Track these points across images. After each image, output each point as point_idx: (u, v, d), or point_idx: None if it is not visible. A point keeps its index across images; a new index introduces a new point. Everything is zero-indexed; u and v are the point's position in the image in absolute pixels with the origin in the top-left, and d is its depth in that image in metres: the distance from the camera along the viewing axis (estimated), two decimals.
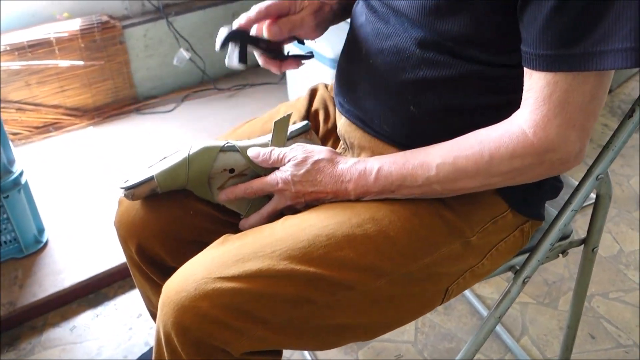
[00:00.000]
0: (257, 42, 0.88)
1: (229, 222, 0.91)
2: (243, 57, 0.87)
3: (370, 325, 0.79)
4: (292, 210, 0.83)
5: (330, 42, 1.12)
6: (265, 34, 0.86)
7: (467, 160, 0.71)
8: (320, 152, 0.80)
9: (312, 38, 0.94)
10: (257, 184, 0.82)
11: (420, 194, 0.76)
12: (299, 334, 0.73)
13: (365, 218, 0.75)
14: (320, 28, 0.93)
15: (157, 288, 0.98)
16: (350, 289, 0.72)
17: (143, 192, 0.84)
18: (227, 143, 0.86)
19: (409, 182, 0.75)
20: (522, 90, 0.71)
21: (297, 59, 0.92)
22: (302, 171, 0.79)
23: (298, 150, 0.81)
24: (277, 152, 0.82)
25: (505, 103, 0.73)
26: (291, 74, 2.13)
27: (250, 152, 0.84)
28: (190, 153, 0.84)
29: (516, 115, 0.71)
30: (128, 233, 0.91)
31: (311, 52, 0.94)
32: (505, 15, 0.69)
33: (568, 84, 0.65)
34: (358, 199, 0.78)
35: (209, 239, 0.93)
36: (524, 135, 0.69)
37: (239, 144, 0.86)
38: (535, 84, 0.67)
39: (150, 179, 0.83)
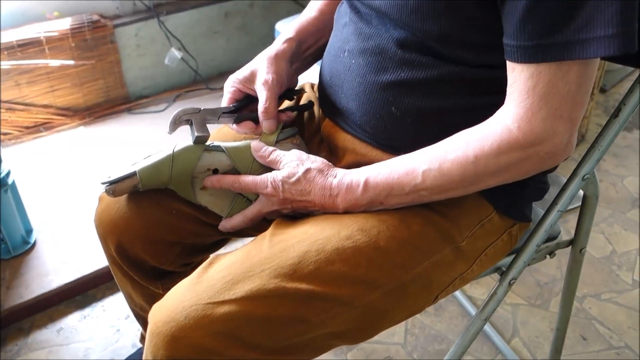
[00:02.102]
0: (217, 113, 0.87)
1: (211, 224, 0.89)
2: (201, 129, 0.85)
3: (360, 335, 0.77)
4: (277, 214, 0.82)
5: None
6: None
7: (452, 164, 0.70)
8: (313, 161, 0.79)
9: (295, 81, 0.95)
10: (247, 180, 0.81)
11: (409, 202, 0.75)
12: (291, 352, 0.71)
13: (354, 230, 0.73)
14: (296, 74, 0.94)
15: (138, 286, 0.97)
16: (344, 304, 0.71)
17: (124, 189, 0.83)
18: (212, 143, 0.85)
19: (397, 191, 0.73)
20: (504, 92, 0.69)
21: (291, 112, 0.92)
22: (292, 179, 0.77)
23: (292, 157, 0.80)
24: (276, 153, 0.81)
25: (488, 105, 0.72)
26: None
27: (254, 143, 0.83)
28: (175, 150, 0.83)
29: (500, 112, 0.69)
30: (108, 231, 0.90)
31: (311, 102, 0.95)
32: (488, 12, 0.68)
33: (552, 74, 0.64)
34: (347, 212, 0.77)
35: (191, 240, 0.92)
36: (509, 130, 0.67)
37: (224, 144, 0.85)
38: (519, 77, 0.66)
39: (133, 174, 0.81)
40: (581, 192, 0.95)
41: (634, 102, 0.79)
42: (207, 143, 0.84)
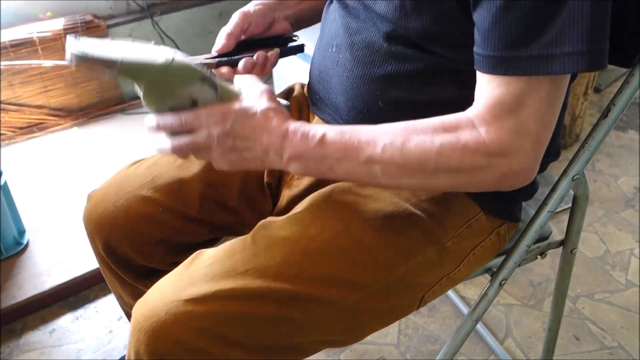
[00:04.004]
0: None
1: (199, 220, 0.89)
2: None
3: (347, 337, 0.77)
4: (207, 149, 0.70)
5: (313, 40, 1.14)
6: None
7: (415, 147, 0.65)
8: (276, 104, 0.71)
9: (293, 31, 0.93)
10: (190, 117, 0.69)
11: (359, 176, 0.68)
12: (275, 353, 0.71)
13: (339, 230, 0.73)
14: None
15: (128, 286, 0.97)
16: (328, 305, 0.71)
17: (94, 68, 0.69)
18: (211, 73, 0.74)
19: (351, 156, 0.66)
20: None
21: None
22: (249, 113, 0.69)
23: (256, 92, 0.72)
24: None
25: (474, 98, 0.71)
26: (277, 71, 2.12)
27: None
28: (173, 61, 0.70)
29: (471, 111, 0.66)
30: (96, 230, 0.90)
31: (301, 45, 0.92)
32: (467, 15, 0.67)
33: (520, 89, 0.62)
34: (288, 163, 0.69)
35: (178, 238, 0.92)
36: (477, 131, 0.64)
37: (218, 82, 0.74)
38: (487, 85, 0.64)
39: (113, 63, 0.68)
40: (572, 192, 0.95)
41: (623, 103, 0.80)
42: (206, 72, 0.74)
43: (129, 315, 1.08)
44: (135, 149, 2.01)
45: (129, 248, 0.89)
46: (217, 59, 0.84)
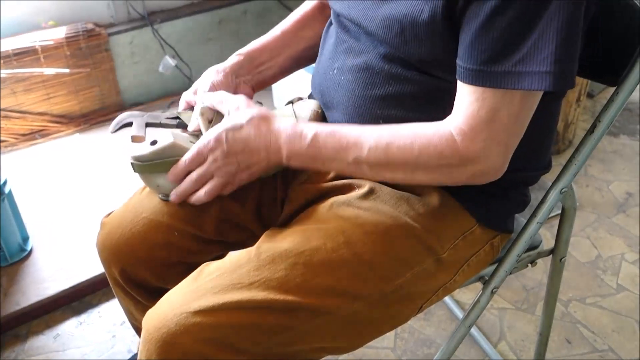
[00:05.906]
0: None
1: (212, 240, 0.92)
2: (138, 130, 0.90)
3: (347, 345, 0.80)
4: (222, 181, 0.80)
5: None
6: None
7: (397, 150, 0.74)
8: (252, 109, 0.79)
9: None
10: (191, 152, 0.79)
11: (349, 172, 0.79)
12: (278, 359, 0.75)
13: (340, 242, 0.76)
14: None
15: (141, 305, 0.99)
16: (328, 314, 0.74)
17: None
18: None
19: (341, 157, 0.76)
20: None
21: None
22: (236, 126, 0.78)
23: (235, 103, 0.81)
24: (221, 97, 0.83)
25: None
26: (276, 85, 2.14)
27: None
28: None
29: (449, 120, 0.73)
30: (112, 257, 0.92)
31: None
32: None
33: (495, 102, 0.69)
34: (288, 161, 0.78)
35: (193, 259, 0.93)
36: (453, 140, 0.71)
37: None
38: (467, 97, 0.71)
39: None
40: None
41: (609, 119, 0.83)
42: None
43: (137, 329, 1.10)
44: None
45: (147, 272, 0.91)
46: (178, 120, 0.92)
